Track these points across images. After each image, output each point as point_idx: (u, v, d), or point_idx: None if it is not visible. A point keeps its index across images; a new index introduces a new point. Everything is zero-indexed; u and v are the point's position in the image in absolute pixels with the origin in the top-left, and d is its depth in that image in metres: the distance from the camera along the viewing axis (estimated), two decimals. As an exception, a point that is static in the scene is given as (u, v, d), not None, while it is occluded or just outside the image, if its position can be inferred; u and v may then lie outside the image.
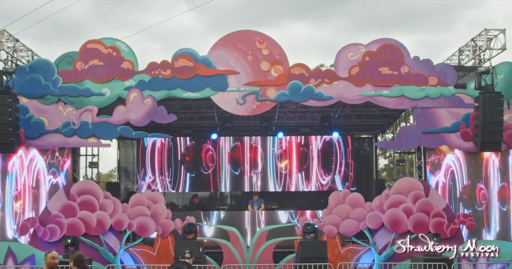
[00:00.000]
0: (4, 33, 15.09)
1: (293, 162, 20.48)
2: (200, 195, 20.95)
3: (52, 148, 15.29)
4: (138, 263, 15.03)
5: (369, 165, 21.25)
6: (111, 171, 34.48)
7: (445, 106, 15.36)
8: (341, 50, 15.39)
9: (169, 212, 15.26)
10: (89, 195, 14.94)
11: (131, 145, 20.82)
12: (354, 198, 15.29)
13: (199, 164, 20.38)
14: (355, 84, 15.31)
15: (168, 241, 14.98)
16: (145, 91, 15.18)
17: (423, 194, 15.09)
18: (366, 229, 15.11)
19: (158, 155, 20.26)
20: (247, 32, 15.57)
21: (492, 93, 14.50)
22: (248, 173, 20.43)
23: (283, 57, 15.42)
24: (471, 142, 15.17)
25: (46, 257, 7.47)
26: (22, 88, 14.94)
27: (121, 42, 15.33)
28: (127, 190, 20.64)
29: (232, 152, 20.50)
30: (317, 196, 20.43)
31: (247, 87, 15.33)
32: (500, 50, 15.44)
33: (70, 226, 14.66)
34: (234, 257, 15.21)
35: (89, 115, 15.18)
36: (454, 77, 15.37)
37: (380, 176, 26.72)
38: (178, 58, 15.25)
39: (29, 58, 16.25)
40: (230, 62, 15.33)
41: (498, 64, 15.13)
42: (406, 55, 15.34)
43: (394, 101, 15.46)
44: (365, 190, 19.67)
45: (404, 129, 16.52)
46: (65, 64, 15.18)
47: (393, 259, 14.76)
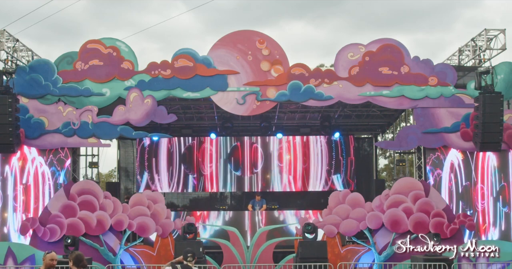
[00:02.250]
0: (4, 33, 15.09)
1: (293, 162, 20.48)
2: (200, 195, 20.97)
3: (52, 148, 15.30)
4: (138, 263, 15.03)
5: (369, 165, 21.25)
6: (111, 171, 34.51)
7: (445, 106, 15.37)
8: (341, 50, 15.40)
9: (169, 212, 15.28)
10: (89, 195, 14.94)
11: (131, 145, 20.83)
12: (354, 198, 15.29)
13: (199, 164, 20.40)
14: (355, 84, 15.32)
15: (168, 241, 14.97)
16: (145, 91, 15.18)
17: (423, 194, 15.09)
18: (366, 229, 15.10)
19: (158, 155, 20.27)
20: (247, 32, 15.58)
21: (492, 93, 14.49)
22: (248, 173, 20.43)
23: (283, 57, 15.42)
24: (471, 142, 15.17)
25: (45, 257, 7.44)
26: (22, 88, 14.95)
27: (121, 42, 15.34)
28: (127, 190, 20.65)
29: (232, 152, 20.51)
30: (317, 196, 20.44)
31: (247, 87, 15.33)
32: (500, 50, 15.45)
33: (70, 226, 14.66)
34: (234, 257, 15.21)
35: (89, 115, 15.18)
36: (454, 77, 15.37)
37: (380, 176, 26.75)
38: (178, 58, 15.26)
39: (29, 58, 16.25)
40: (230, 62, 15.33)
41: (498, 64, 15.13)
42: (406, 55, 15.35)
43: (394, 101, 15.46)
44: (365, 190, 19.70)
45: (404, 129, 16.51)
46: (65, 64, 15.19)
47: (393, 259, 14.75)
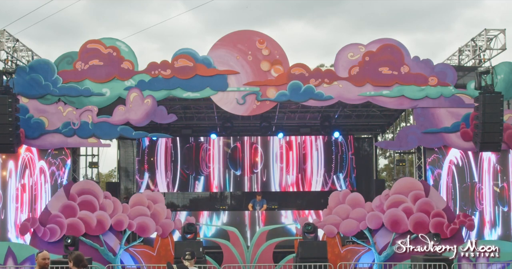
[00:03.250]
0: (4, 33, 15.09)
1: (293, 162, 20.48)
2: (200, 195, 20.96)
3: (52, 148, 15.30)
4: (138, 263, 15.03)
5: (369, 165, 21.25)
6: (111, 171, 34.49)
7: (445, 106, 15.37)
8: (341, 50, 15.40)
9: (169, 212, 15.28)
10: (89, 195, 14.95)
11: (131, 145, 20.83)
12: (354, 198, 15.29)
13: (199, 164, 20.39)
14: (355, 84, 15.32)
15: (168, 241, 14.98)
16: (145, 91, 15.18)
17: (423, 194, 15.09)
18: (366, 229, 15.11)
19: (158, 155, 20.26)
20: (247, 32, 15.57)
21: (492, 93, 14.49)
22: (248, 173, 20.43)
23: (283, 57, 15.42)
24: (471, 142, 15.17)
25: (37, 257, 7.45)
26: (22, 88, 14.95)
27: (121, 42, 15.34)
28: (127, 190, 20.65)
29: (232, 152, 20.50)
30: (317, 196, 20.43)
31: (247, 87, 15.33)
32: (500, 50, 15.44)
33: (70, 226, 14.66)
34: (234, 257, 15.21)
35: (89, 115, 15.18)
36: (454, 77, 15.37)
37: (380, 176, 26.73)
38: (178, 58, 15.25)
39: (29, 58, 16.24)
40: (230, 62, 15.32)
41: (498, 64, 15.13)
42: (406, 55, 15.35)
43: (394, 101, 15.46)
44: (365, 190, 19.70)
45: (404, 129, 16.50)
46: (65, 64, 15.19)
47: (393, 259, 14.76)
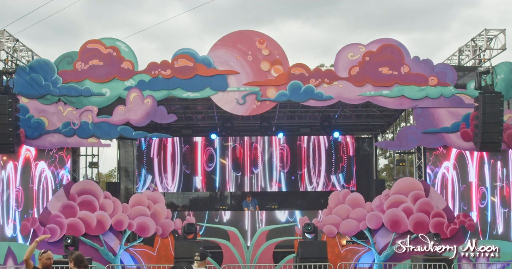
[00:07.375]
0: (4, 33, 15.09)
1: (293, 162, 20.47)
2: (200, 195, 20.96)
3: (52, 148, 15.30)
4: (138, 263, 15.04)
5: (369, 165, 21.24)
6: (111, 171, 34.47)
7: (445, 106, 15.37)
8: (341, 50, 15.40)
9: (169, 212, 15.28)
10: (89, 195, 14.96)
11: (131, 145, 20.81)
12: (354, 198, 15.30)
13: (199, 164, 20.39)
14: (355, 84, 15.32)
15: (168, 241, 14.98)
16: (145, 91, 15.18)
17: (423, 194, 15.09)
18: (366, 229, 15.11)
19: (158, 155, 20.26)
20: (247, 32, 15.57)
21: (492, 93, 14.49)
22: (248, 173, 20.42)
23: (283, 57, 15.42)
24: (471, 142, 15.16)
25: (42, 257, 7.43)
26: (22, 88, 14.95)
27: (121, 42, 15.34)
28: (127, 190, 20.64)
29: (232, 152, 20.50)
30: (317, 196, 20.43)
31: (247, 87, 15.33)
32: (500, 50, 15.44)
33: (70, 226, 14.67)
34: (234, 257, 15.22)
35: (89, 115, 15.18)
36: (454, 77, 15.37)
37: (380, 176, 26.73)
38: (178, 58, 15.26)
39: (29, 58, 16.24)
40: (230, 62, 15.32)
41: (498, 64, 15.13)
42: (406, 55, 15.35)
43: (394, 101, 15.46)
44: (365, 190, 19.69)
45: (404, 129, 16.50)
46: (65, 64, 15.20)
47: (393, 259, 14.76)
